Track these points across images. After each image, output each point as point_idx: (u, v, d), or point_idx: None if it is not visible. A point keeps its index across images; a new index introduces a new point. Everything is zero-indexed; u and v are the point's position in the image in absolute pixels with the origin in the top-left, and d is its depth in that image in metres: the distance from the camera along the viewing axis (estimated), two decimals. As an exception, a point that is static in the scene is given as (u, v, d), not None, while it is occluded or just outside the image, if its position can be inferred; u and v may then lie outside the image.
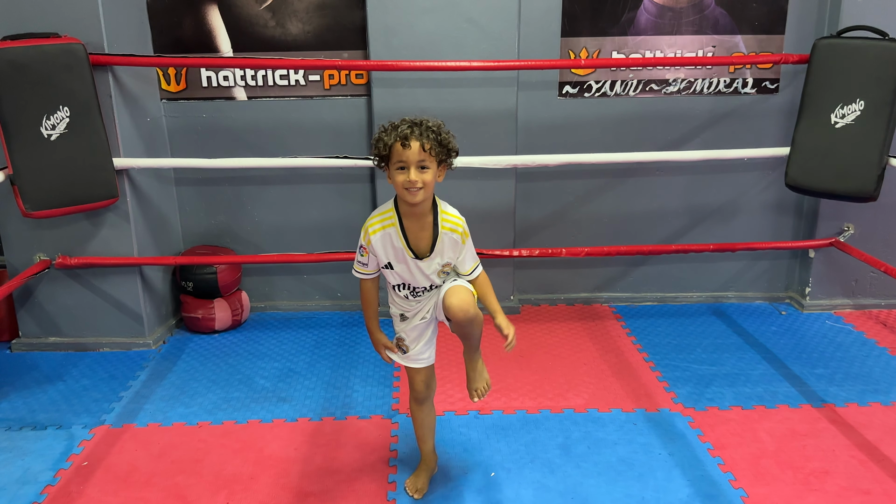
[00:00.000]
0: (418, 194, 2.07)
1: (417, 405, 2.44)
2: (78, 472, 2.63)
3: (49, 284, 3.49)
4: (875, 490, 2.49)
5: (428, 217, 2.17)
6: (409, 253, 2.17)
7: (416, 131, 2.05)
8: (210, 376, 3.30)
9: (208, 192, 3.80)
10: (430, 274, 2.21)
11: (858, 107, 3.19)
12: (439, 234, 2.16)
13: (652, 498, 2.45)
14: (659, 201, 3.88)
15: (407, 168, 2.06)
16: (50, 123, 3.04)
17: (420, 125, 2.07)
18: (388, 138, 2.08)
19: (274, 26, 3.59)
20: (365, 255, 2.24)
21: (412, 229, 2.17)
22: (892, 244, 3.80)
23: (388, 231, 2.18)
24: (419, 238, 2.17)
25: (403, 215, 2.17)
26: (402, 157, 2.05)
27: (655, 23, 3.62)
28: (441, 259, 2.19)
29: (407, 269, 2.21)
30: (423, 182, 2.06)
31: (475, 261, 2.27)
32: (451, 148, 2.12)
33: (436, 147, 2.07)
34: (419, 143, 2.05)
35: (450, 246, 2.18)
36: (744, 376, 3.24)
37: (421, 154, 2.05)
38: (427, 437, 2.50)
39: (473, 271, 2.26)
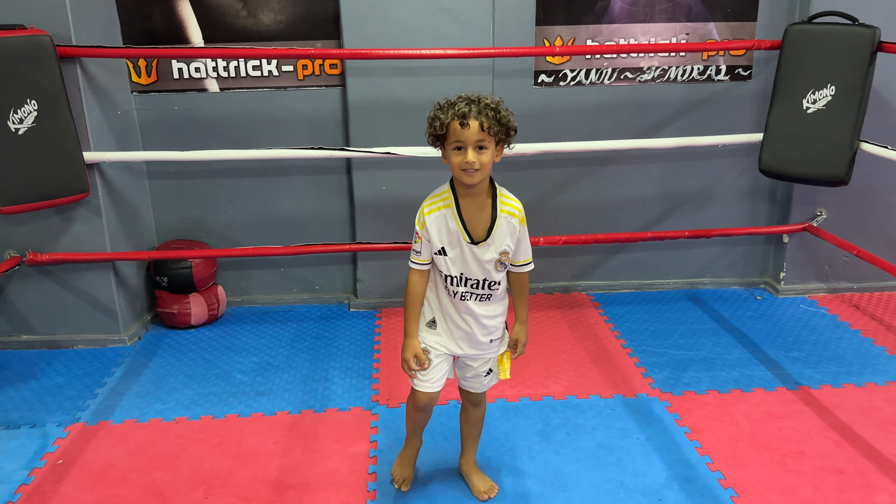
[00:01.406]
0: (475, 175, 1.99)
1: (416, 412, 2.34)
2: (53, 470, 2.59)
3: (20, 281, 3.43)
4: (849, 469, 2.52)
5: (486, 198, 2.08)
6: (465, 236, 2.07)
7: (475, 109, 1.95)
8: (187, 371, 3.27)
9: (182, 185, 3.75)
10: (485, 262, 2.10)
11: (830, 92, 3.22)
12: (498, 217, 2.08)
13: (630, 482, 2.47)
14: (635, 189, 3.90)
15: (464, 148, 1.97)
16: (17, 117, 2.98)
17: (478, 102, 1.97)
18: (445, 116, 1.97)
19: (246, 16, 3.54)
20: (418, 240, 2.11)
21: (469, 211, 2.07)
22: (865, 228, 3.85)
23: (444, 212, 2.08)
24: (476, 221, 2.08)
25: (460, 196, 2.07)
26: (459, 136, 1.96)
27: (629, 11, 3.62)
28: (498, 246, 2.09)
29: (461, 257, 2.10)
30: (481, 163, 1.97)
31: (529, 256, 2.19)
32: (511, 126, 2.02)
33: (495, 126, 1.97)
34: (478, 122, 1.94)
35: (507, 231, 2.09)
36: (720, 361, 3.27)
37: (480, 134, 1.95)
38: (418, 432, 2.45)
39: (525, 265, 2.19)
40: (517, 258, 2.16)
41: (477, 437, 2.47)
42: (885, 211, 3.84)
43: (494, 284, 2.15)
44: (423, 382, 2.25)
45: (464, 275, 2.12)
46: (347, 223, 3.84)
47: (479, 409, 2.40)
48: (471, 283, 2.13)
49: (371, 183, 3.66)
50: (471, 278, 2.12)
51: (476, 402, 2.38)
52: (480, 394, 2.35)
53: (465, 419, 2.43)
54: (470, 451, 2.47)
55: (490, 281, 2.13)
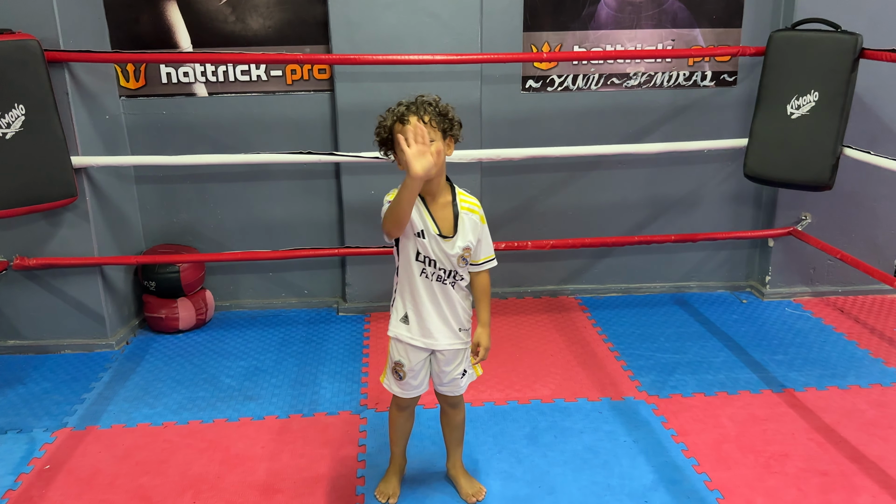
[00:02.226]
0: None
1: (398, 410, 2.39)
2: (40, 475, 2.58)
3: (7, 286, 3.41)
4: (832, 471, 2.55)
5: (446, 197, 2.13)
6: (434, 228, 2.11)
7: (413, 107, 2.02)
8: (175, 376, 3.26)
9: (170, 189, 3.75)
10: (450, 255, 2.14)
11: (813, 98, 3.26)
12: (459, 213, 2.13)
13: (617, 485, 2.49)
14: (622, 193, 3.93)
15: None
16: (5, 122, 2.97)
17: (415, 102, 2.04)
18: (387, 121, 2.04)
19: (234, 21, 3.55)
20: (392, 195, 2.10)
21: (434, 208, 2.12)
22: (848, 232, 3.89)
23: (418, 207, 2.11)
24: (441, 219, 2.12)
25: (423, 194, 2.09)
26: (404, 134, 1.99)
27: (616, 17, 3.66)
28: (463, 241, 2.14)
29: (432, 245, 2.13)
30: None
31: (491, 252, 2.24)
32: (453, 117, 2.07)
33: (436, 118, 2.02)
34: (417, 116, 2.00)
35: (470, 227, 2.15)
36: (706, 364, 3.30)
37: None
38: (400, 441, 2.45)
39: (486, 262, 2.23)
40: (478, 255, 2.21)
41: (460, 440, 2.47)
42: (868, 215, 3.89)
43: (460, 277, 2.20)
44: (405, 391, 2.30)
45: (437, 262, 2.16)
46: (336, 227, 3.85)
47: (457, 411, 2.41)
48: (442, 271, 2.17)
49: (359, 187, 3.67)
50: (442, 267, 2.17)
51: (453, 405, 2.39)
52: (458, 396, 2.36)
53: (445, 422, 2.45)
54: (455, 454, 2.48)
55: (455, 272, 2.18)
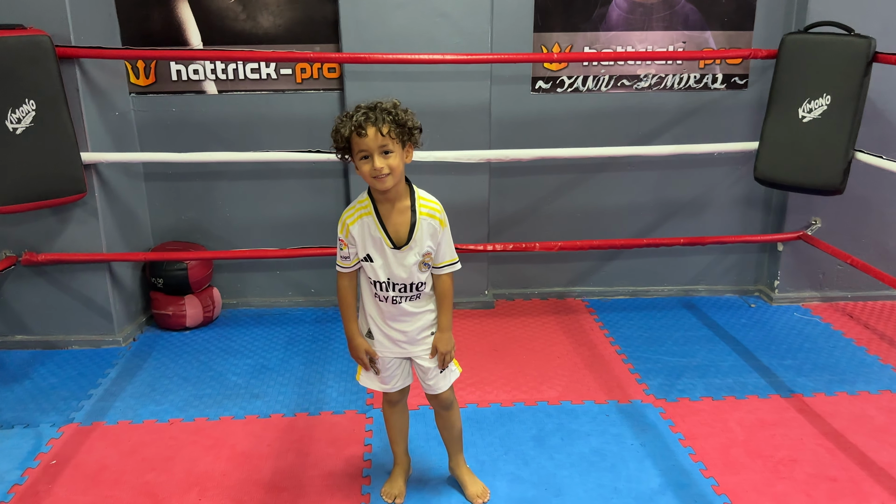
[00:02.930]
0: (387, 180, 2.00)
1: (390, 406, 2.38)
2: (46, 470, 2.59)
3: (15, 281, 3.42)
4: (841, 477, 2.53)
5: (404, 202, 2.11)
6: (387, 242, 2.10)
7: (371, 116, 1.96)
8: (181, 373, 3.27)
9: (178, 187, 3.75)
10: (409, 266, 2.12)
11: (825, 101, 3.24)
12: (418, 219, 2.10)
13: (624, 488, 2.48)
14: (630, 196, 3.91)
15: (370, 156, 1.98)
16: (15, 117, 2.98)
17: (374, 109, 1.98)
18: (344, 129, 2.00)
19: (245, 19, 3.55)
20: (344, 247, 2.15)
21: (389, 216, 2.10)
22: (859, 237, 3.87)
23: (365, 220, 2.11)
24: (397, 225, 2.10)
25: (378, 203, 2.10)
26: (361, 146, 1.98)
27: (627, 18, 3.65)
28: (420, 248, 2.11)
29: (385, 262, 2.13)
30: (390, 167, 1.99)
31: (453, 256, 2.19)
32: (412, 126, 2.04)
33: (394, 129, 1.98)
34: (375, 128, 1.96)
35: (429, 233, 2.12)
36: (714, 368, 3.28)
37: (380, 139, 1.97)
38: (399, 439, 2.44)
39: (447, 266, 2.18)
40: (438, 259, 2.17)
41: (458, 439, 2.44)
42: (878, 220, 3.86)
43: (421, 285, 2.17)
44: (386, 385, 2.30)
45: (391, 280, 2.14)
46: (344, 227, 3.85)
47: (450, 412, 2.38)
48: (398, 287, 2.15)
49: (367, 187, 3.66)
50: (398, 283, 2.14)
51: (445, 406, 2.35)
52: (448, 396, 2.33)
53: (441, 425, 2.42)
54: (456, 453, 2.46)
55: (416, 283, 2.16)
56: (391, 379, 2.29)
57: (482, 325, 3.70)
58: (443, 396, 2.32)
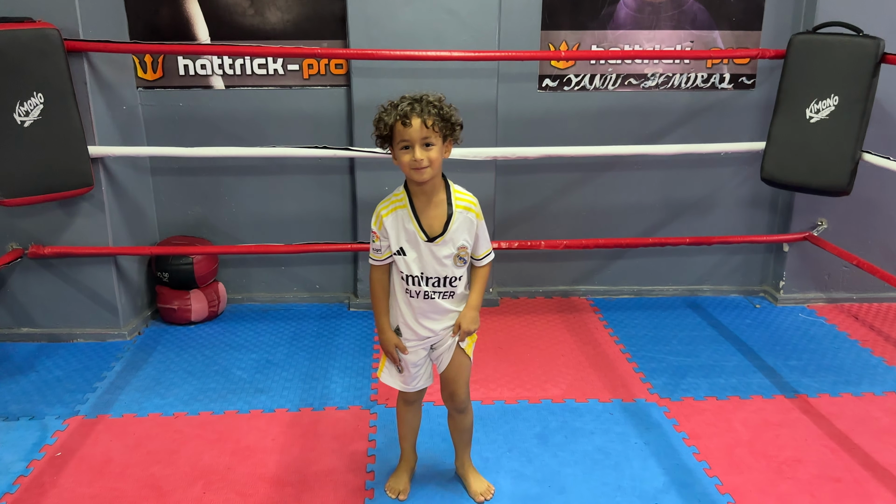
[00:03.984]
0: (425, 172, 2.01)
1: (406, 405, 2.38)
2: (51, 462, 2.60)
3: (22, 274, 3.43)
4: (846, 478, 2.53)
5: (440, 195, 2.11)
6: (421, 235, 2.09)
7: (417, 108, 1.98)
8: (186, 367, 3.27)
9: (185, 181, 3.76)
10: (443, 258, 2.12)
11: (833, 102, 3.24)
12: (453, 213, 2.10)
13: (628, 486, 2.48)
14: (636, 195, 3.91)
15: (411, 147, 2.00)
16: (23, 110, 2.99)
17: (420, 101, 2.00)
18: (389, 118, 2.01)
19: (252, 15, 3.56)
20: (377, 239, 2.15)
21: (424, 209, 2.10)
22: (865, 239, 3.86)
23: (400, 213, 2.11)
24: (432, 218, 2.10)
25: (414, 195, 2.10)
26: (404, 136, 1.99)
27: (635, 17, 3.64)
28: (455, 242, 2.12)
29: (420, 255, 2.12)
30: (430, 160, 2.00)
31: (489, 247, 2.22)
32: (455, 121, 2.05)
33: (438, 122, 2.00)
34: (420, 119, 1.97)
35: (465, 227, 2.12)
36: (718, 368, 3.27)
37: (424, 131, 1.98)
38: (409, 436, 2.44)
39: (485, 257, 2.21)
40: (477, 252, 2.19)
41: (468, 441, 2.45)
42: (885, 222, 3.85)
43: (455, 280, 2.17)
44: (408, 385, 2.30)
45: (424, 273, 2.13)
46: (349, 223, 3.85)
47: (464, 416, 2.38)
48: (431, 282, 2.14)
49: (373, 183, 3.67)
50: (431, 277, 2.14)
51: (460, 409, 2.35)
52: (462, 399, 2.31)
53: (452, 426, 2.42)
54: (463, 453, 2.47)
55: (450, 277, 2.15)
56: (413, 379, 2.29)
57: (487, 323, 3.69)
58: (458, 399, 2.31)
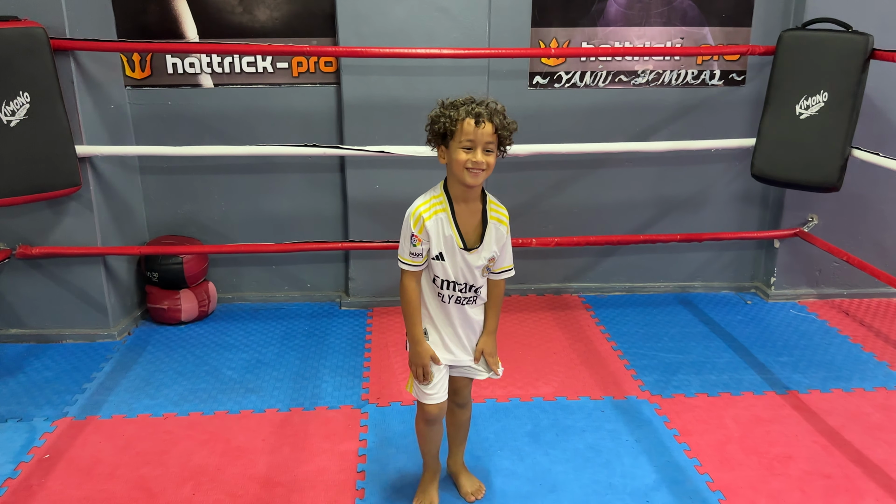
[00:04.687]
0: (480, 176, 1.98)
1: (427, 425, 2.26)
2: (39, 464, 2.58)
3: (9, 275, 3.40)
4: (836, 474, 2.54)
5: (478, 204, 2.08)
6: (458, 242, 2.06)
7: (487, 111, 1.95)
8: (176, 368, 3.26)
9: (174, 180, 3.74)
10: (475, 268, 2.10)
11: (822, 98, 3.24)
12: (488, 223, 2.09)
13: (619, 484, 2.47)
14: (628, 192, 3.91)
15: (474, 148, 1.95)
16: (9, 109, 2.97)
17: (488, 105, 1.97)
18: (457, 114, 1.95)
19: (241, 13, 3.53)
20: (419, 243, 2.06)
21: (463, 216, 2.06)
22: (855, 234, 3.87)
23: (440, 216, 2.06)
24: (469, 226, 2.07)
25: (455, 200, 2.05)
26: (472, 135, 1.94)
27: (625, 14, 3.63)
28: (487, 252, 2.10)
29: (454, 262, 2.09)
30: (488, 164, 1.98)
31: (511, 262, 2.19)
32: (513, 132, 2.02)
33: (503, 131, 1.98)
34: (492, 123, 1.95)
35: (495, 238, 2.11)
36: (710, 364, 3.28)
37: (492, 135, 1.96)
38: (433, 449, 2.35)
39: (505, 271, 2.19)
40: (499, 265, 2.17)
41: (464, 439, 2.45)
42: (875, 217, 3.86)
43: (480, 288, 2.17)
44: (430, 396, 2.20)
45: (455, 280, 2.12)
46: (340, 221, 3.84)
47: (465, 410, 2.37)
48: (459, 288, 2.13)
49: (364, 181, 3.66)
50: (459, 283, 2.12)
51: (462, 404, 2.34)
52: (466, 395, 2.32)
53: (451, 420, 2.40)
54: (458, 451, 2.46)
55: (476, 286, 2.15)
56: (435, 387, 2.19)
57: (478, 321, 3.69)
58: (463, 395, 2.30)
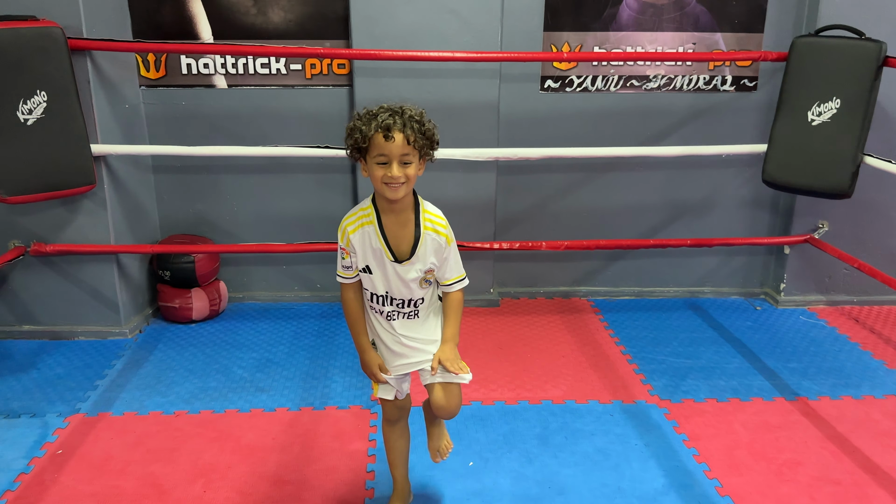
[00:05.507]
0: (400, 189, 1.90)
1: (389, 426, 2.25)
2: (52, 460, 2.61)
3: (23, 271, 3.44)
4: (845, 481, 2.54)
5: (409, 214, 2.00)
6: (388, 255, 1.99)
7: (399, 122, 1.86)
8: (187, 366, 3.28)
9: (187, 180, 3.77)
10: (409, 281, 2.01)
11: (835, 105, 3.24)
12: (422, 234, 1.99)
13: (628, 487, 2.48)
14: (638, 196, 3.92)
15: (389, 162, 1.88)
16: (27, 108, 3.00)
17: (402, 114, 1.88)
18: (367, 129, 1.87)
19: (255, 14, 3.56)
20: (346, 256, 2.03)
21: (392, 228, 1.99)
22: (866, 241, 3.86)
23: (367, 229, 2.00)
24: (400, 238, 2.00)
25: (382, 212, 1.99)
26: (383, 150, 1.87)
27: (637, 19, 3.65)
28: (422, 264, 2.01)
29: (384, 275, 2.02)
30: (406, 177, 1.89)
31: (460, 272, 2.08)
32: (435, 140, 1.95)
33: (420, 139, 1.89)
34: (403, 135, 1.86)
35: (433, 249, 2.01)
36: (719, 370, 3.28)
37: (405, 147, 1.87)
38: (399, 463, 2.29)
39: (455, 283, 2.07)
40: (445, 276, 2.06)
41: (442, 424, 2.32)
42: (886, 224, 3.86)
43: (420, 302, 2.07)
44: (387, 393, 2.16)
45: (389, 293, 2.04)
46: (351, 222, 3.86)
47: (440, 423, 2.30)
48: (396, 303, 2.05)
49: (375, 184, 3.68)
50: (395, 297, 2.05)
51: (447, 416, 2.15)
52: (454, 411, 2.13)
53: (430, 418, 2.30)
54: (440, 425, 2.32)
55: (415, 300, 2.06)
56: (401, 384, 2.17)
57: (487, 324, 3.70)
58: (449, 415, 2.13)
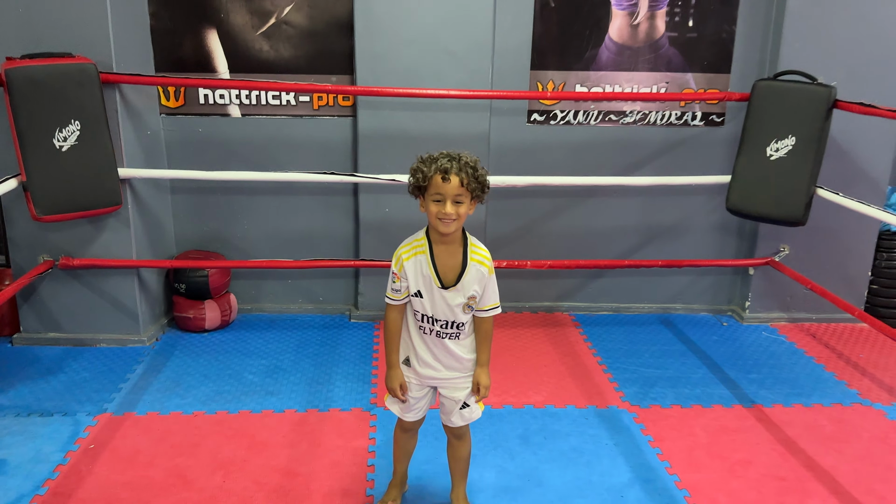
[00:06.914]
0: (451, 225, 2.16)
1: (402, 432, 2.53)
2: (86, 453, 2.90)
3: (51, 283, 3.72)
4: (790, 477, 2.87)
5: (458, 247, 2.25)
6: (436, 282, 2.24)
7: (456, 166, 2.13)
8: (202, 371, 3.58)
9: (202, 200, 4.07)
10: (454, 306, 2.26)
11: (790, 142, 3.59)
12: (468, 265, 2.24)
13: (598, 481, 2.80)
14: (615, 220, 4.24)
15: (443, 201, 2.14)
16: (62, 136, 3.29)
17: (458, 160, 2.15)
18: (428, 170, 2.14)
19: (268, 50, 3.89)
20: (397, 280, 2.28)
21: (442, 258, 2.24)
22: (824, 263, 4.19)
23: (419, 258, 2.25)
24: (448, 268, 2.24)
25: (434, 244, 2.25)
26: (440, 189, 2.13)
27: (615, 60, 4.00)
28: (466, 292, 2.25)
29: (431, 300, 2.27)
30: (458, 214, 2.15)
31: (496, 301, 2.33)
32: (486, 185, 2.20)
33: (472, 183, 2.15)
34: (458, 178, 2.12)
35: (476, 278, 2.25)
36: (685, 379, 3.60)
37: (459, 189, 2.13)
38: (403, 459, 2.60)
39: (491, 309, 2.32)
40: (483, 303, 2.31)
41: (465, 472, 2.58)
42: (841, 249, 4.19)
43: (462, 325, 2.32)
44: (407, 414, 2.46)
45: (434, 316, 2.29)
46: (352, 241, 4.17)
47: (463, 443, 2.51)
48: (440, 324, 2.30)
49: (375, 205, 4.00)
50: (439, 319, 2.29)
51: (458, 436, 2.49)
52: (462, 427, 2.47)
53: (451, 454, 2.56)
54: (459, 485, 2.59)
55: (457, 322, 2.30)
56: (411, 410, 2.44)
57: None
58: (458, 428, 2.46)
